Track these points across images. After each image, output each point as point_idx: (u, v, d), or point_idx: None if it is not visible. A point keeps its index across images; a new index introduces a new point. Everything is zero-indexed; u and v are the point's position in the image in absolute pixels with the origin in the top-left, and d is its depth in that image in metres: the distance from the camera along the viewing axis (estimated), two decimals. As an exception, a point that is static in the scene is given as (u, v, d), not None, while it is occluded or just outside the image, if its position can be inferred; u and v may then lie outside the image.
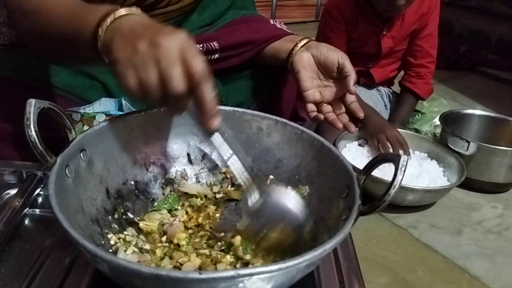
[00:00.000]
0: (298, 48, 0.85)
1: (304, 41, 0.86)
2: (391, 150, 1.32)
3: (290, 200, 0.55)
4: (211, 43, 0.92)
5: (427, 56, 1.59)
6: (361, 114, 0.84)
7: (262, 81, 0.98)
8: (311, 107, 0.84)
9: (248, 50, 0.93)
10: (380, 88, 1.65)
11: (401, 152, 1.32)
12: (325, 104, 0.84)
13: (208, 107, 0.52)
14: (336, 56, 0.82)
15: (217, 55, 0.93)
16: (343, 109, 0.85)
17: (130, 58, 0.51)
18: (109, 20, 0.56)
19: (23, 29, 0.71)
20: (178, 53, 0.50)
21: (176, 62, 0.50)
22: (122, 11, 0.56)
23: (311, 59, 0.84)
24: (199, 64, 0.51)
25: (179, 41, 0.51)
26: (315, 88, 0.84)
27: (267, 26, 0.97)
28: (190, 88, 0.51)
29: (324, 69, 0.84)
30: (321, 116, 0.83)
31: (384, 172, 1.12)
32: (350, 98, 0.84)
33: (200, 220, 0.63)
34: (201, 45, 0.92)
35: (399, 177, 0.51)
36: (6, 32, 0.90)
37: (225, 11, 0.99)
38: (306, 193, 0.64)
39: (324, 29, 1.58)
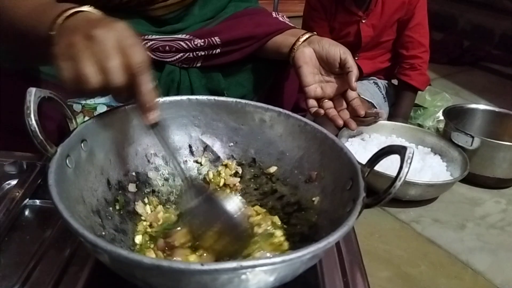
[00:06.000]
0: (300, 42, 0.84)
1: (306, 36, 0.85)
2: None
3: (227, 201, 0.55)
4: (212, 38, 0.91)
5: (419, 46, 1.58)
6: (362, 112, 0.83)
7: (264, 74, 0.97)
8: (312, 102, 0.83)
9: (249, 45, 0.92)
10: (377, 80, 1.64)
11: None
12: (326, 100, 0.84)
13: (144, 99, 0.52)
14: (338, 51, 0.81)
15: (218, 50, 0.92)
16: (345, 105, 0.84)
17: (65, 51, 0.51)
18: (60, 19, 0.56)
19: None
20: (114, 44, 0.50)
21: (113, 54, 0.50)
22: (72, 9, 0.57)
23: (313, 54, 0.83)
24: (137, 55, 0.51)
25: (116, 32, 0.51)
26: (316, 83, 0.83)
27: (269, 19, 0.96)
28: (130, 79, 0.51)
29: (326, 64, 0.83)
30: (322, 111, 0.82)
31: (385, 166, 1.11)
32: (352, 94, 0.83)
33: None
34: (202, 40, 0.91)
35: (405, 169, 0.50)
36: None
37: (227, 4, 0.98)
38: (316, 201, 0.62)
39: (307, 21, 1.59)
